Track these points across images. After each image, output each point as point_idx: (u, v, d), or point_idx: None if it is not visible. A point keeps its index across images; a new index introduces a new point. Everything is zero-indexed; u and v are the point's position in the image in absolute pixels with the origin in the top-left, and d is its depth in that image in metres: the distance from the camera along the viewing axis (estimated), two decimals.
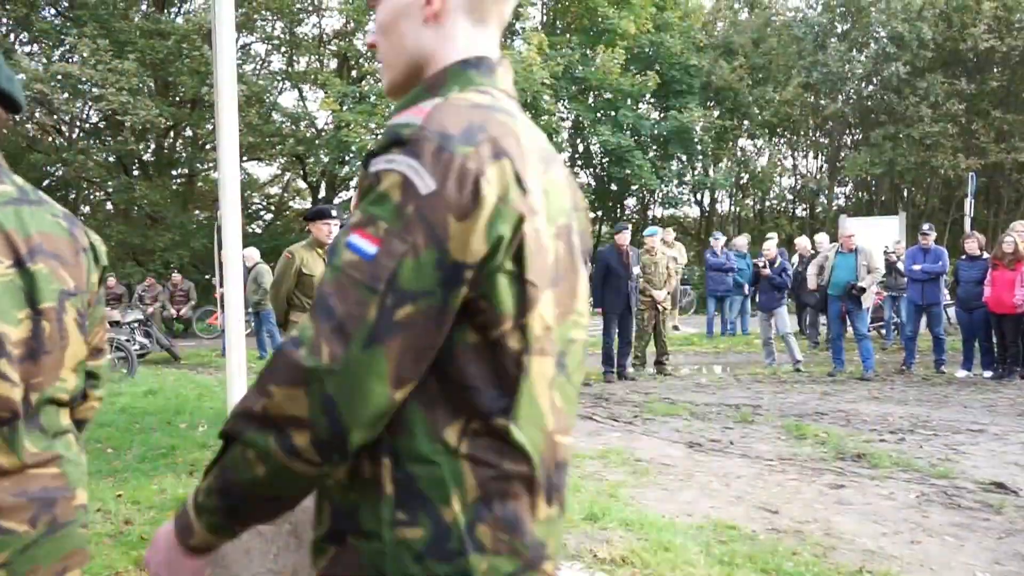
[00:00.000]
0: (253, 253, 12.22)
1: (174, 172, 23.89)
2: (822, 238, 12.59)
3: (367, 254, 0.98)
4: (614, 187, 23.18)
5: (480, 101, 1.08)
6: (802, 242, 12.74)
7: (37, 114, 21.29)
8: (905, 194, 24.89)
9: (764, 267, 10.61)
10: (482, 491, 1.05)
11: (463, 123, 1.02)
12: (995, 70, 21.88)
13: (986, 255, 9.87)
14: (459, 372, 1.04)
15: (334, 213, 5.47)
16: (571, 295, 1.19)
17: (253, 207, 25.34)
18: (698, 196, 25.84)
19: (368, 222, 0.99)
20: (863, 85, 23.59)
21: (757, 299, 11.34)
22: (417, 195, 0.98)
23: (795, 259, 13.17)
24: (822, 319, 13.90)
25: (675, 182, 23.56)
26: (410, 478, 1.03)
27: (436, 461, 1.03)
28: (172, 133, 23.05)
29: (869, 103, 23.63)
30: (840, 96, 23.55)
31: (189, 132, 22.94)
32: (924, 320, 10.59)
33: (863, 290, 9.66)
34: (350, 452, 0.99)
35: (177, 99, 22.26)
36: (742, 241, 15.15)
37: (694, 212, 26.74)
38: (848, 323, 10.10)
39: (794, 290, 11.83)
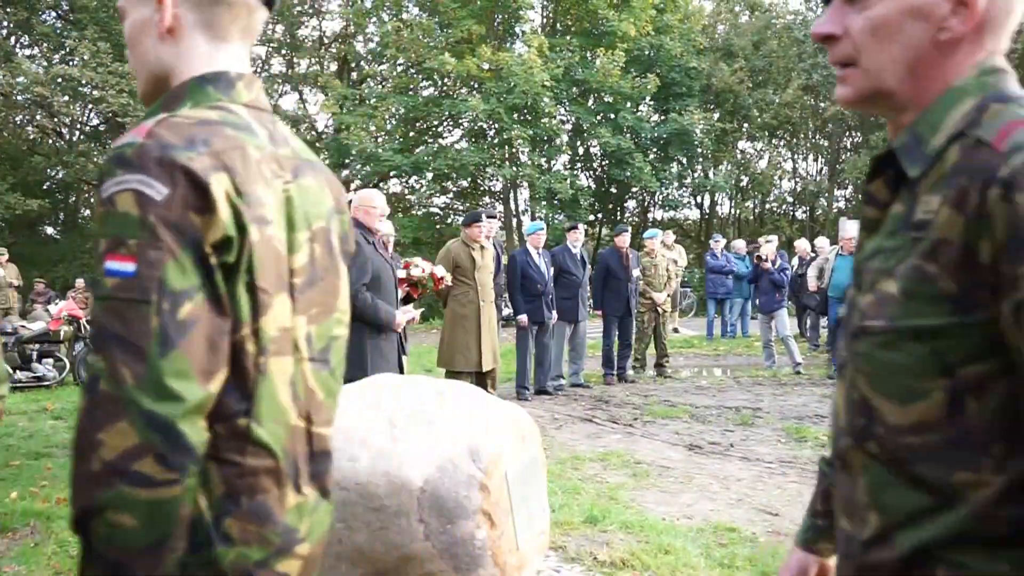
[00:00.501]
0: None
1: None
2: (822, 242, 12.59)
3: (128, 273, 1.01)
4: (614, 189, 23.19)
5: (208, 117, 1.14)
6: (802, 245, 12.74)
7: (38, 117, 21.30)
8: None
9: (765, 260, 10.61)
10: (228, 487, 1.11)
11: (184, 135, 1.08)
12: None
13: None
14: None
15: None
16: (332, 294, 1.30)
17: None
18: (698, 198, 25.85)
19: (117, 244, 1.02)
20: None
21: (757, 301, 11.34)
22: (154, 203, 1.02)
23: (795, 261, 13.17)
24: (823, 321, 13.93)
25: (675, 184, 23.57)
26: None
27: None
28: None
29: None
30: None
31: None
32: None
33: None
34: (195, 451, 1.03)
35: None
36: (740, 243, 15.15)
37: (694, 215, 26.77)
38: None
39: (794, 292, 11.82)
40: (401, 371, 5.67)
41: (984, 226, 0.87)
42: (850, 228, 13.63)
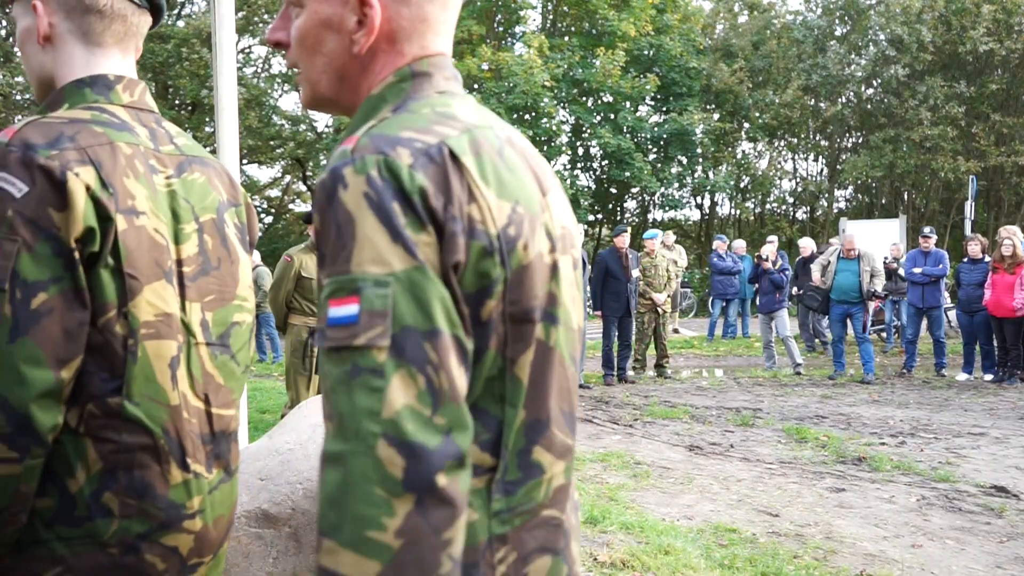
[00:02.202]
0: (254, 255, 12.23)
1: None
2: (806, 242, 12.62)
3: None
4: (614, 190, 23.20)
5: (79, 116, 1.22)
6: (805, 243, 12.75)
7: None
8: (905, 197, 24.90)
9: (766, 259, 10.61)
10: (105, 464, 1.18)
11: (52, 135, 1.16)
12: (995, 73, 21.88)
13: (987, 258, 9.87)
14: None
15: None
16: (230, 282, 1.37)
17: None
18: (698, 199, 25.85)
19: None
20: (863, 88, 23.61)
21: (757, 302, 11.33)
22: (12, 199, 1.10)
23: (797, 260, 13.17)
24: (824, 322, 13.93)
25: (675, 185, 23.57)
26: None
27: (60, 441, 1.16)
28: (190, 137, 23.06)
29: (869, 106, 23.64)
30: (840, 99, 23.56)
31: (190, 135, 22.93)
32: (924, 323, 10.58)
33: (885, 296, 9.71)
34: (43, 433, 1.11)
35: (177, 102, 22.27)
36: (740, 244, 15.14)
37: (694, 215, 26.78)
38: (849, 326, 10.09)
39: (798, 292, 11.83)
40: None
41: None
42: (851, 232, 13.63)
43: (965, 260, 10.03)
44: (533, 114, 19.69)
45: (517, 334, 0.95)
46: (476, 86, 20.31)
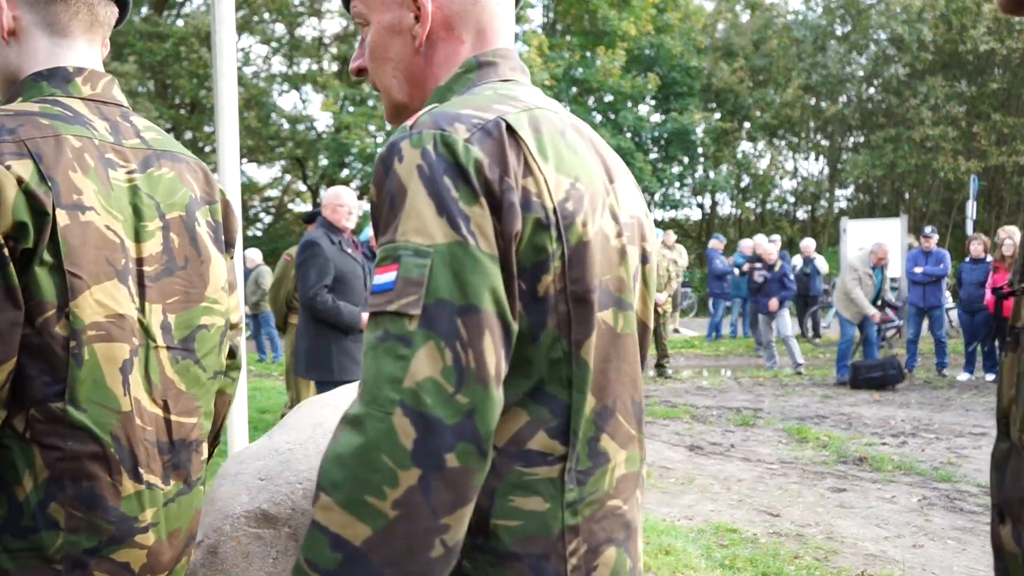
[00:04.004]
0: (255, 255, 12.22)
1: None
2: (808, 243, 12.60)
3: None
4: None
5: (26, 109, 1.19)
6: (806, 243, 12.74)
7: None
8: (906, 196, 24.88)
9: (758, 266, 10.53)
10: (52, 472, 1.13)
11: None
12: (995, 72, 21.86)
13: (989, 258, 9.85)
14: (17, 363, 1.12)
15: None
16: (198, 283, 1.32)
17: (252, 210, 25.34)
18: (699, 198, 25.84)
19: None
20: (863, 87, 23.59)
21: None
22: None
23: (797, 259, 13.16)
24: (824, 322, 13.92)
25: (676, 184, 23.56)
26: None
27: (8, 446, 1.13)
28: (172, 135, 23.07)
29: (869, 105, 23.62)
30: (840, 98, 23.54)
31: (189, 135, 22.97)
32: (926, 323, 10.57)
33: (897, 307, 9.64)
34: None
35: (176, 102, 22.26)
36: (748, 243, 15.10)
37: (695, 215, 26.76)
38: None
39: (799, 290, 11.82)
40: None
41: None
42: (852, 230, 13.60)
43: (967, 260, 10.02)
44: None
45: (580, 316, 0.94)
46: None
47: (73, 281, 1.13)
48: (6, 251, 1.08)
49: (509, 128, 0.92)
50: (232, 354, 1.53)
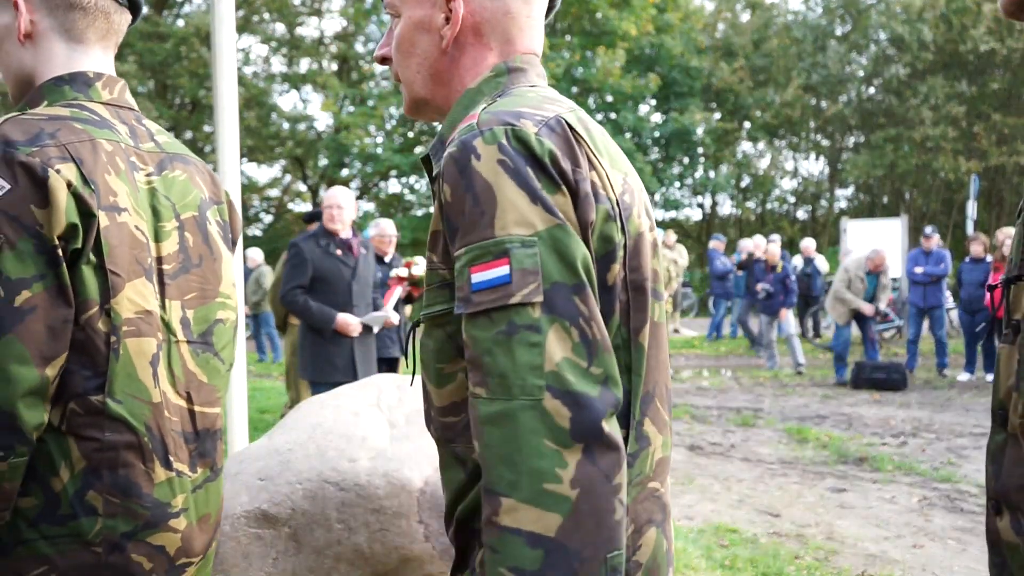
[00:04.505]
0: (256, 254, 12.22)
1: None
2: (808, 242, 12.59)
3: None
4: None
5: (58, 113, 1.21)
6: (807, 243, 12.75)
7: None
8: (907, 197, 24.89)
9: (765, 287, 10.49)
10: (89, 462, 1.17)
11: (32, 131, 1.15)
12: (996, 72, 21.87)
13: (989, 258, 9.85)
14: None
15: None
16: (212, 280, 1.36)
17: (252, 209, 25.35)
18: (699, 199, 25.84)
19: None
20: (864, 87, 23.59)
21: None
22: None
23: (797, 259, 13.16)
24: (824, 323, 13.91)
25: (676, 184, 23.56)
26: None
27: (43, 439, 1.15)
28: (172, 135, 23.09)
29: (869, 105, 23.62)
30: (841, 98, 23.55)
31: (189, 134, 22.98)
32: (926, 323, 10.57)
33: (885, 315, 9.63)
34: (28, 432, 1.10)
35: (176, 101, 22.26)
36: (748, 243, 15.09)
37: (695, 215, 26.77)
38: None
39: (800, 291, 11.81)
40: (392, 372, 5.64)
41: (441, 214, 0.94)
42: (852, 230, 13.59)
43: (967, 260, 10.01)
44: None
45: (638, 303, 0.99)
46: None
47: (114, 279, 1.19)
48: (60, 252, 1.12)
49: (569, 125, 0.96)
50: None
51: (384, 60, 1.15)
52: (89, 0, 1.29)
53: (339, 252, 4.70)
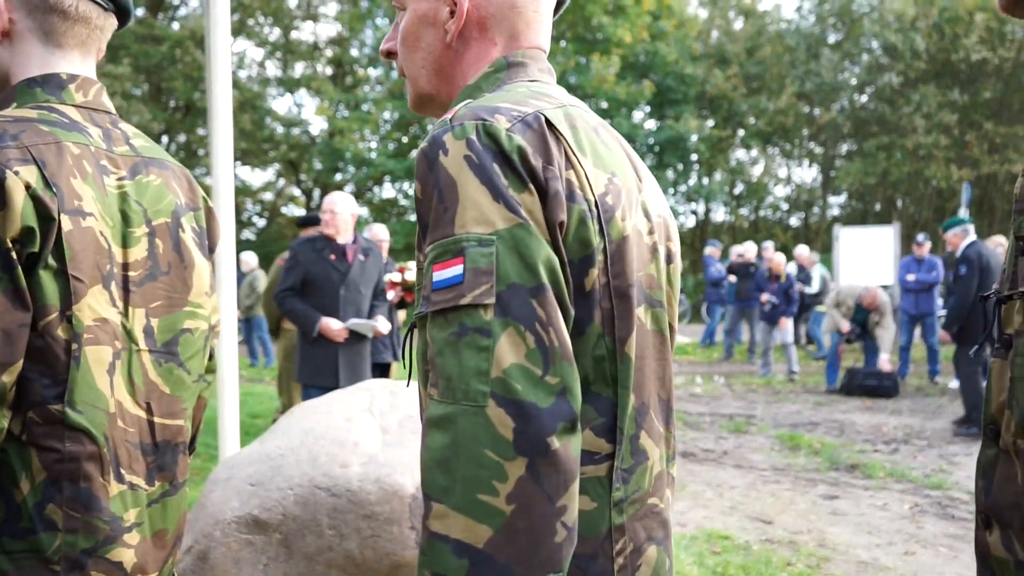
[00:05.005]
0: (250, 258, 12.21)
1: None
2: (802, 249, 12.67)
3: None
4: None
5: (25, 115, 1.20)
6: (800, 251, 12.79)
7: None
8: (899, 204, 24.99)
9: (771, 298, 10.49)
10: (49, 473, 1.13)
11: None
12: (988, 81, 21.99)
13: None
14: None
15: None
16: (181, 288, 1.33)
17: (246, 213, 25.29)
18: (693, 205, 25.90)
19: None
20: (857, 95, 23.70)
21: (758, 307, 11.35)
22: None
23: (791, 266, 13.19)
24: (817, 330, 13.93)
25: (670, 191, 23.61)
26: None
27: (5, 449, 1.13)
28: (165, 138, 23.05)
29: (862, 113, 23.73)
30: (834, 106, 23.65)
31: (182, 137, 22.93)
32: (918, 331, 10.60)
33: (852, 339, 9.66)
34: None
35: (171, 104, 22.22)
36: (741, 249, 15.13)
37: (689, 221, 26.82)
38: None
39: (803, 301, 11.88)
40: (385, 377, 5.63)
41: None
42: (844, 237, 13.64)
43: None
44: None
45: (622, 312, 0.94)
46: None
47: (76, 285, 1.16)
48: (14, 255, 1.10)
49: (548, 122, 0.93)
50: (209, 356, 1.53)
51: (390, 54, 1.14)
52: (69, 4, 1.28)
53: (332, 257, 4.71)
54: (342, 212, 4.78)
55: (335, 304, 4.67)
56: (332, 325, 4.60)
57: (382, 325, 4.82)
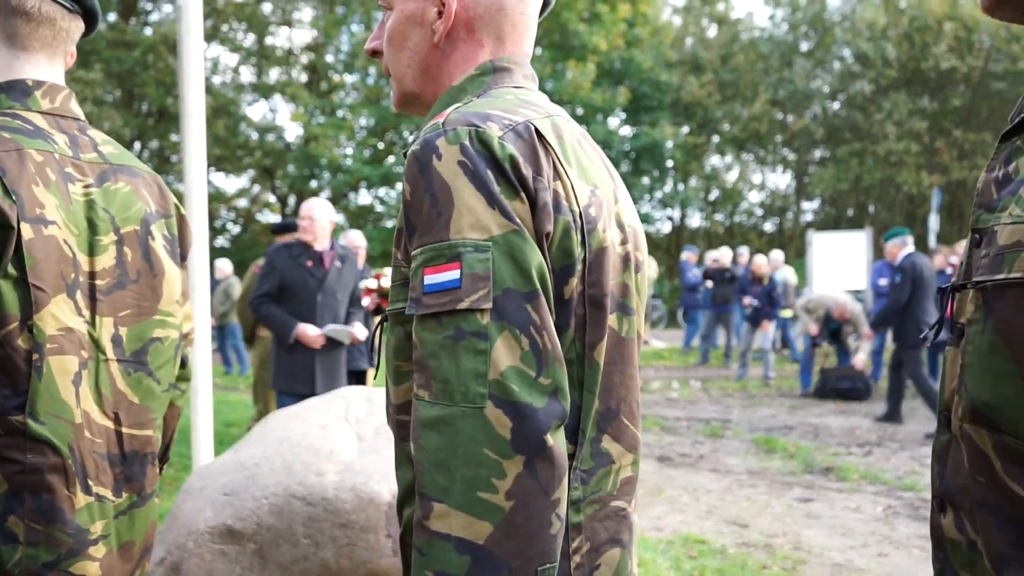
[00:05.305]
0: (225, 266, 12.10)
1: None
2: (777, 254, 12.81)
3: None
4: None
5: None
6: (775, 256, 12.91)
7: None
8: (871, 210, 25.31)
9: (752, 300, 10.57)
10: (10, 485, 1.12)
11: None
12: (956, 89, 22.36)
13: (950, 269, 10.03)
14: None
15: None
16: (151, 297, 1.32)
17: (220, 220, 25.08)
18: (668, 211, 26.07)
19: None
20: (829, 102, 24.00)
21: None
22: None
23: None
24: (792, 333, 14.05)
25: (646, 197, 23.75)
26: None
27: None
28: (137, 144, 22.82)
29: (835, 120, 24.03)
30: (807, 113, 23.93)
31: (155, 144, 22.70)
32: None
33: (817, 343, 9.76)
34: None
35: (143, 110, 22.00)
36: (717, 254, 15.23)
37: (665, 227, 26.99)
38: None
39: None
40: (360, 384, 5.59)
41: (402, 212, 0.94)
42: (817, 242, 13.77)
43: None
44: None
45: (594, 319, 0.97)
46: None
47: (37, 294, 1.13)
48: None
49: (538, 132, 0.94)
50: (182, 363, 1.50)
51: (375, 53, 1.14)
52: (33, 6, 1.25)
53: (309, 263, 4.70)
54: (320, 219, 4.76)
55: (312, 310, 4.65)
56: (309, 331, 4.57)
57: (359, 332, 4.80)
